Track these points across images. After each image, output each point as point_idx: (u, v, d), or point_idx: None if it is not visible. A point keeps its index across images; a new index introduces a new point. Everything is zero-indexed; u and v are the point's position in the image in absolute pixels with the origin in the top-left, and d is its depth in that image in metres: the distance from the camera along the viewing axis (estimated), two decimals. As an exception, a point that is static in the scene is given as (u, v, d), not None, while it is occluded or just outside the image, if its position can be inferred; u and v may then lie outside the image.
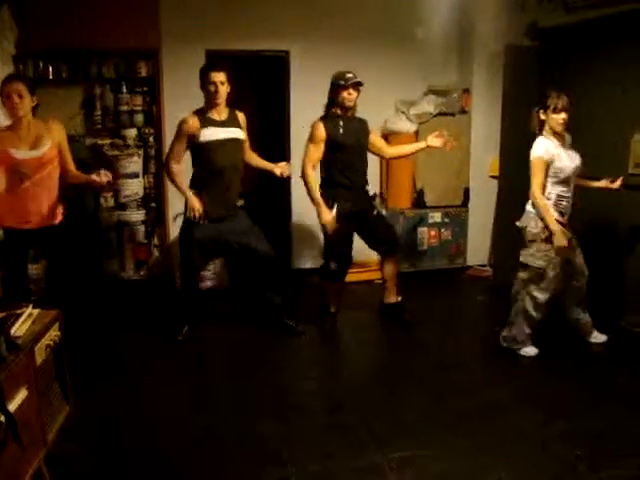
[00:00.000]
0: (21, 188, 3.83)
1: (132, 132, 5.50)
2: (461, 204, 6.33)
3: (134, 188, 5.53)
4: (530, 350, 4.35)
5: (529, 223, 4.18)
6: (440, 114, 6.08)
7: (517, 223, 4.28)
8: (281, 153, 6.20)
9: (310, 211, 5.22)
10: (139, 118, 5.53)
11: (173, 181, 4.43)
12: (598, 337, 4.53)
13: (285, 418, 3.55)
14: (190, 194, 4.35)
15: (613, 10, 4.53)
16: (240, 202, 4.63)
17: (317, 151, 4.60)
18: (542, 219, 4.06)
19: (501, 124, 5.97)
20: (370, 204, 4.84)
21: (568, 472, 3.03)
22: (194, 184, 4.45)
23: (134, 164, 5.50)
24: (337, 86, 4.56)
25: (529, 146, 4.16)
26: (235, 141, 4.39)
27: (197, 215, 4.31)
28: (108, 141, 5.49)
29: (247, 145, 4.61)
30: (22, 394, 2.35)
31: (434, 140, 4.76)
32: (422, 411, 3.62)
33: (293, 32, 5.80)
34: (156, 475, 3.04)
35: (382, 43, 5.87)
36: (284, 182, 6.18)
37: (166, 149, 5.52)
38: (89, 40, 5.07)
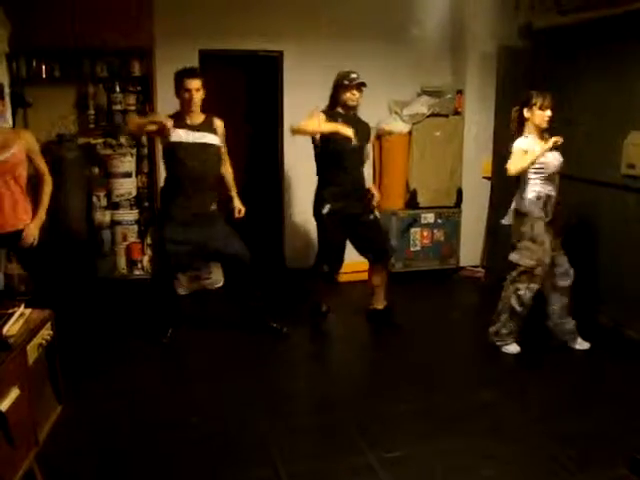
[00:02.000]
0: None
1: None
2: (454, 205, 6.33)
3: (127, 187, 5.51)
4: (512, 348, 4.39)
5: (515, 221, 4.28)
6: (433, 115, 6.08)
7: (502, 221, 4.37)
8: (274, 154, 6.20)
9: (303, 210, 5.23)
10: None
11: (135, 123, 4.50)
12: (582, 344, 4.52)
13: (276, 418, 3.55)
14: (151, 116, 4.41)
15: (607, 12, 4.54)
16: (213, 207, 4.46)
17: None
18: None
19: (494, 125, 6.00)
20: (365, 208, 4.74)
21: (558, 472, 3.05)
22: (165, 189, 4.46)
23: (127, 163, 5.48)
24: (340, 86, 4.52)
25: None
26: (206, 146, 4.33)
27: (167, 125, 4.16)
28: (101, 140, 5.47)
29: (224, 155, 4.56)
30: (14, 393, 2.34)
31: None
32: (413, 411, 3.63)
33: (287, 32, 5.80)
34: (146, 475, 3.04)
35: (376, 43, 5.87)
36: (277, 182, 6.20)
37: (159, 149, 5.54)
38: (82, 39, 5.05)
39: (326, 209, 4.60)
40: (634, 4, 4.28)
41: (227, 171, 4.65)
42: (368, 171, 4.94)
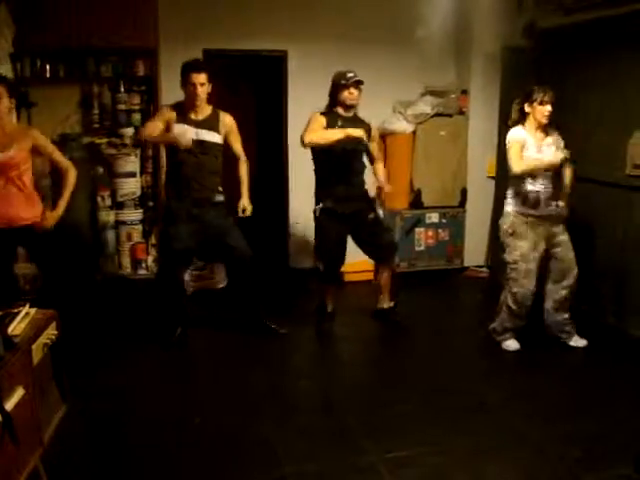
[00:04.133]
0: None
1: (129, 131, 5.47)
2: (458, 205, 6.33)
3: (131, 187, 5.51)
4: (511, 344, 4.41)
5: (501, 220, 4.38)
6: (437, 115, 6.08)
7: (499, 222, 4.43)
8: (279, 153, 6.20)
9: (307, 209, 5.21)
10: (136, 117, 5.51)
11: (149, 138, 4.38)
12: (578, 341, 4.52)
13: (280, 418, 3.54)
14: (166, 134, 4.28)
15: (611, 12, 4.53)
16: (219, 198, 4.46)
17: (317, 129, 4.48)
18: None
19: (498, 125, 5.98)
20: (366, 207, 4.73)
21: (564, 473, 3.04)
22: (167, 184, 4.46)
23: (131, 163, 5.48)
24: (338, 85, 4.52)
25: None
26: (205, 144, 4.30)
27: (185, 142, 4.17)
28: (105, 140, 5.47)
29: (238, 150, 4.53)
30: (19, 393, 2.34)
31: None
32: (418, 411, 3.62)
33: (291, 32, 5.80)
34: (150, 475, 3.03)
35: (380, 43, 5.87)
36: (282, 181, 6.20)
37: (163, 149, 5.55)
38: (87, 39, 5.06)
39: (319, 207, 4.62)
40: (638, 4, 4.27)
41: (241, 166, 4.57)
42: (380, 169, 4.86)
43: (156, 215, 5.61)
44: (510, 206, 4.31)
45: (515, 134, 4.23)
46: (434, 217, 6.23)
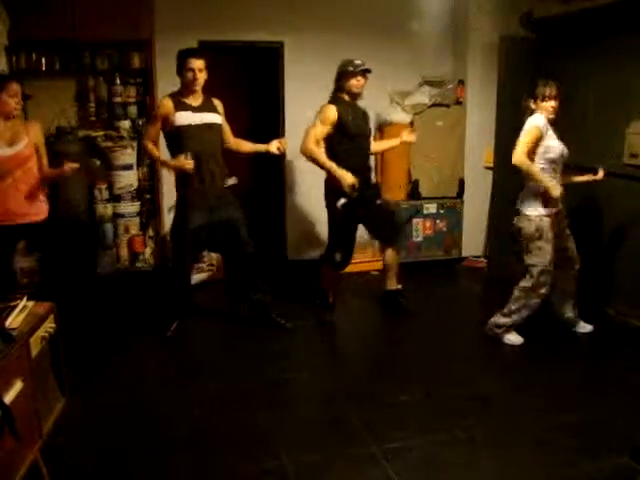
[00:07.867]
0: (3, 185, 3.84)
1: (126, 124, 5.48)
2: (456, 195, 6.32)
3: (128, 180, 5.51)
4: (514, 338, 4.39)
5: (523, 223, 4.17)
6: (435, 105, 6.07)
7: (514, 222, 4.26)
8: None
9: (305, 201, 5.24)
10: (133, 110, 5.51)
11: (150, 155, 4.42)
12: (585, 327, 4.56)
13: (280, 410, 3.55)
14: (171, 161, 4.27)
15: (609, 0, 4.52)
16: (232, 181, 4.48)
17: (323, 132, 4.50)
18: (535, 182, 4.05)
19: (496, 115, 5.98)
20: (375, 192, 4.83)
21: (563, 464, 3.04)
22: (178, 174, 4.33)
23: (128, 156, 5.47)
24: (345, 73, 4.52)
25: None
26: (211, 126, 4.30)
27: (189, 168, 4.16)
28: (102, 133, 5.47)
29: (229, 132, 4.52)
30: (17, 386, 2.34)
31: (409, 136, 4.89)
32: (417, 402, 3.63)
33: (287, 23, 5.78)
34: (150, 467, 3.03)
35: (377, 34, 5.85)
36: (278, 172, 6.18)
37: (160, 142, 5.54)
38: (82, 31, 5.04)
39: (342, 202, 4.57)
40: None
41: (239, 143, 4.57)
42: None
43: (153, 207, 5.62)
44: (531, 209, 4.12)
45: (535, 121, 4.04)
46: (432, 208, 6.23)
